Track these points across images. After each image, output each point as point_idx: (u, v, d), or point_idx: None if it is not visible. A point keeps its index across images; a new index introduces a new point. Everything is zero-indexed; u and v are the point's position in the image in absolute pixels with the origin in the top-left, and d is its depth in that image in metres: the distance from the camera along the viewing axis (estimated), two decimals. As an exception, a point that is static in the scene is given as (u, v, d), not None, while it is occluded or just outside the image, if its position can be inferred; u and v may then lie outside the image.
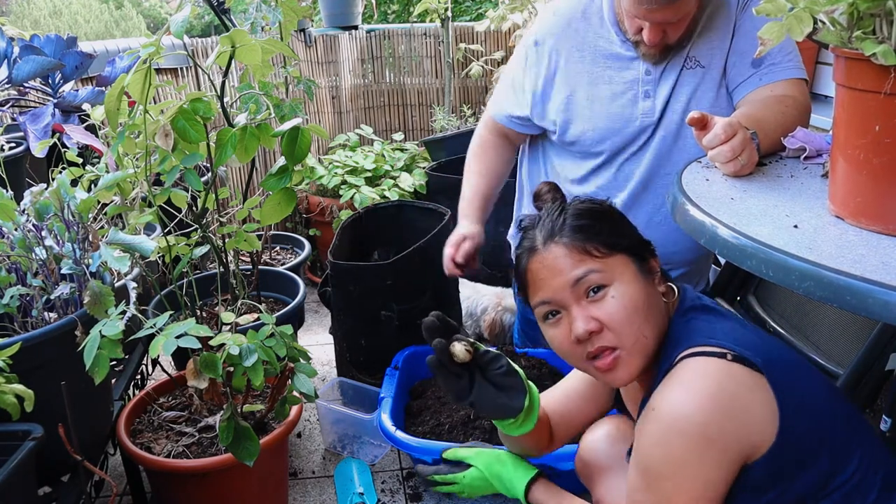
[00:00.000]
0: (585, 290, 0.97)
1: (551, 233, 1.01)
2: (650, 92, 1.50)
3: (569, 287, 0.98)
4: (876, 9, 0.80)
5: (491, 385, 1.07)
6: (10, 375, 1.22)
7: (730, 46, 1.45)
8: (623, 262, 0.99)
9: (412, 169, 3.27)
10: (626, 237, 1.04)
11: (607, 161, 1.59)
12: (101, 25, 17.86)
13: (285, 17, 1.98)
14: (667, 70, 1.49)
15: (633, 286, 0.98)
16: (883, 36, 0.80)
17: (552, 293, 0.99)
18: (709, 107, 1.47)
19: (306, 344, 2.49)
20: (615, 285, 0.97)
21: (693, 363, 0.92)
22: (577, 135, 1.59)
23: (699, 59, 1.47)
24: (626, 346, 0.97)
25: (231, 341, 1.34)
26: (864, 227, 0.91)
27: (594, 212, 1.03)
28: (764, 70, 1.42)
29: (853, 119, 0.88)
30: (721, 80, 1.48)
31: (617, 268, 0.98)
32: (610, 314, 0.96)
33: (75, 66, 2.15)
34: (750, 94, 1.43)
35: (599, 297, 0.97)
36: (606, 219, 1.04)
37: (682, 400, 0.89)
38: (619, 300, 0.96)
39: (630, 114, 1.52)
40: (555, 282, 0.99)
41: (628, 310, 0.96)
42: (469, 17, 5.10)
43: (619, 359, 0.97)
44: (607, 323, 0.96)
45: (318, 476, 1.89)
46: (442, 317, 1.06)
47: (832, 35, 0.85)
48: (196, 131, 1.35)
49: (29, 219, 1.50)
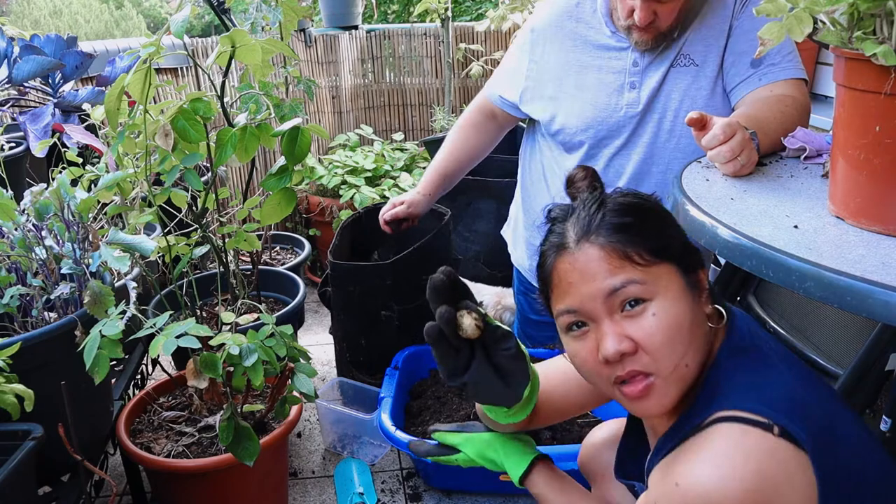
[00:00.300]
0: (621, 303, 0.82)
1: (586, 230, 0.85)
2: (636, 83, 1.51)
3: (602, 297, 0.82)
4: (876, 9, 0.80)
5: (492, 367, 0.93)
6: (10, 375, 1.22)
7: (726, 46, 1.46)
8: (668, 273, 0.83)
9: (412, 169, 3.27)
10: (675, 242, 0.87)
11: (591, 153, 1.59)
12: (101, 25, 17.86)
13: (285, 17, 1.98)
14: (655, 63, 1.49)
15: (678, 303, 0.82)
16: (883, 36, 0.80)
17: (581, 302, 0.84)
18: (703, 105, 1.47)
19: (306, 344, 2.49)
20: (657, 301, 0.82)
21: (731, 432, 0.76)
22: (563, 123, 1.60)
23: (693, 57, 1.48)
24: (662, 373, 0.82)
25: (231, 341, 1.34)
26: (865, 228, 0.91)
27: (639, 208, 0.87)
28: (763, 70, 1.42)
29: (853, 119, 0.88)
30: (716, 79, 1.48)
31: (661, 279, 0.82)
32: (649, 335, 0.81)
33: (75, 65, 2.15)
34: (749, 94, 1.43)
35: (637, 312, 0.81)
36: (653, 217, 0.88)
37: (714, 484, 0.73)
38: (660, 319, 0.81)
39: (615, 103, 1.53)
40: (585, 289, 0.83)
41: (671, 331, 0.81)
42: (469, 17, 5.10)
43: (653, 387, 0.82)
44: (644, 345, 0.81)
45: (318, 476, 1.89)
46: (453, 275, 0.91)
47: (832, 35, 0.85)
48: (196, 131, 1.35)
49: (29, 219, 1.50)
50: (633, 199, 0.88)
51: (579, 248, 0.84)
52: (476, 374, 0.92)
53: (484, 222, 2.58)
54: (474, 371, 0.92)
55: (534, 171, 1.77)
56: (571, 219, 0.87)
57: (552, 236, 0.89)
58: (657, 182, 1.54)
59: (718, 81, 1.48)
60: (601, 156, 1.58)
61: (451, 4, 3.38)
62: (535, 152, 1.76)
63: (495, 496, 1.73)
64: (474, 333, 0.90)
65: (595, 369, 0.86)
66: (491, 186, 2.44)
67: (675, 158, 1.50)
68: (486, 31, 3.49)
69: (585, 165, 0.96)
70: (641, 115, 1.51)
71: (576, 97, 1.57)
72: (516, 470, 1.10)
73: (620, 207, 0.86)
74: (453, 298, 0.91)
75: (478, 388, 0.94)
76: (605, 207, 0.86)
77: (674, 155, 1.51)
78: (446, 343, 0.91)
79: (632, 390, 0.83)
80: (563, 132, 1.60)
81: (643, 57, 1.50)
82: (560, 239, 0.87)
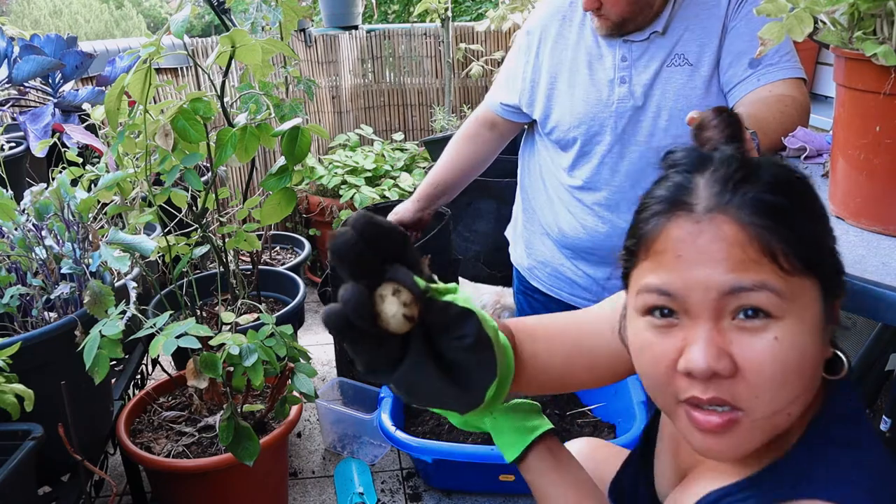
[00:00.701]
0: (737, 308, 0.60)
1: (725, 195, 0.61)
2: (625, 78, 1.52)
3: (718, 292, 0.60)
4: (876, 9, 0.80)
5: (436, 363, 0.59)
6: (10, 375, 1.22)
7: (721, 46, 1.47)
8: (810, 293, 0.62)
9: (412, 169, 3.27)
10: (829, 252, 0.65)
11: (584, 150, 1.60)
12: (101, 25, 17.86)
13: (285, 17, 1.98)
14: (644, 59, 1.51)
15: (809, 336, 0.61)
16: (883, 36, 0.80)
17: (685, 287, 0.62)
18: (698, 105, 1.47)
19: (306, 344, 2.49)
20: (786, 323, 0.60)
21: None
22: (556, 121, 1.62)
23: (687, 57, 1.49)
24: (756, 413, 0.61)
25: (231, 341, 1.34)
26: (864, 228, 0.91)
27: (800, 192, 0.64)
28: (762, 71, 1.42)
29: (853, 119, 0.88)
30: (711, 79, 1.49)
31: (800, 298, 0.61)
32: (759, 362, 0.60)
33: (75, 65, 2.15)
34: (748, 94, 1.43)
35: (755, 328, 0.60)
36: (813, 209, 0.64)
37: None
38: (782, 348, 0.60)
39: (606, 98, 1.54)
40: (700, 272, 0.61)
41: (789, 367, 0.60)
42: (469, 17, 5.10)
43: (737, 426, 0.61)
44: (748, 372, 0.60)
45: (318, 476, 1.88)
46: (371, 225, 0.54)
47: (833, 35, 0.85)
48: (196, 131, 1.35)
49: (29, 218, 1.50)
50: (791, 175, 0.64)
51: (709, 217, 0.61)
52: (411, 373, 0.58)
53: (484, 222, 2.58)
54: (408, 369, 0.58)
55: (532, 171, 1.78)
56: (705, 173, 0.63)
57: (670, 186, 0.65)
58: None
59: (714, 81, 1.49)
60: (594, 153, 1.59)
61: (451, 4, 3.39)
62: (534, 153, 1.77)
63: (495, 496, 1.73)
64: (400, 328, 0.55)
65: (665, 377, 0.64)
66: (491, 186, 2.44)
67: None
68: (486, 31, 3.49)
69: (722, 107, 0.69)
70: (634, 110, 1.52)
71: (568, 94, 1.59)
72: (510, 452, 0.83)
73: (776, 182, 0.62)
74: (371, 268, 0.55)
75: (413, 389, 0.60)
76: (757, 173, 0.62)
77: None
78: (358, 334, 0.55)
79: (707, 421, 0.62)
80: (557, 129, 1.61)
81: (631, 52, 1.51)
82: (683, 195, 0.63)
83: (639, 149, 1.54)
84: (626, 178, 1.57)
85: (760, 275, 0.59)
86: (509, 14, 3.07)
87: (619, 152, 1.56)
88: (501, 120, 1.78)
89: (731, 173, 0.62)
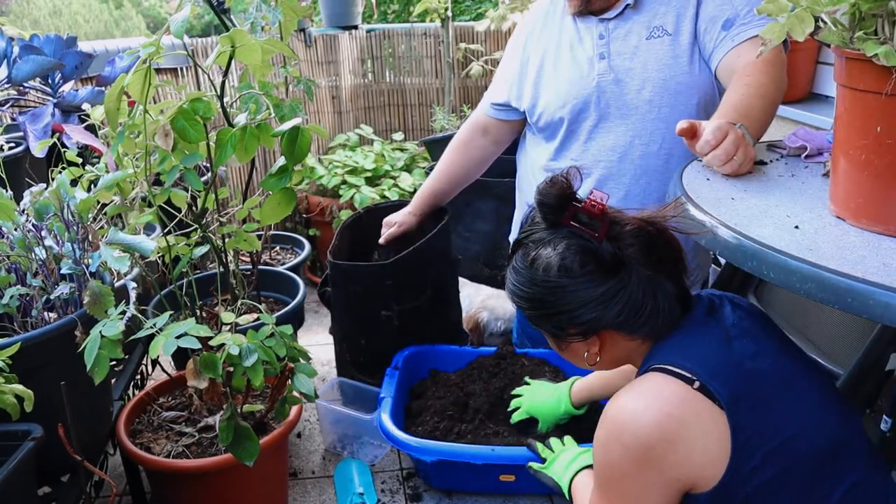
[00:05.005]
0: None
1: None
2: (604, 54, 1.57)
3: None
4: (878, 9, 0.80)
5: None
6: (10, 375, 1.22)
7: (697, 13, 1.49)
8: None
9: (412, 169, 3.27)
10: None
11: (571, 129, 1.63)
12: (101, 25, 17.85)
13: (285, 17, 1.98)
14: (620, 33, 1.55)
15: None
16: (885, 37, 0.80)
17: None
18: (682, 74, 1.51)
19: (306, 344, 2.49)
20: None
21: (657, 379, 0.93)
22: (543, 106, 1.66)
23: (666, 28, 1.52)
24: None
25: (231, 341, 1.34)
26: (866, 228, 0.91)
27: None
28: (735, 31, 1.46)
29: (854, 119, 0.88)
30: (692, 47, 1.52)
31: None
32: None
33: (75, 65, 2.15)
34: (724, 59, 1.45)
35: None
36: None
37: (633, 414, 0.91)
38: None
39: (587, 74, 1.58)
40: None
41: None
42: (469, 17, 5.10)
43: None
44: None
45: (318, 476, 1.88)
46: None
47: (834, 35, 0.85)
48: (196, 131, 1.35)
49: (29, 219, 1.49)
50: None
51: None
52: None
53: (484, 222, 2.58)
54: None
55: (525, 170, 1.81)
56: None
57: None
58: (641, 155, 1.57)
59: (695, 49, 1.52)
60: (581, 130, 1.62)
61: (451, 4, 3.39)
62: (527, 153, 1.80)
63: (495, 496, 1.73)
64: None
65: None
66: (491, 186, 2.44)
67: (657, 129, 1.54)
68: (486, 31, 3.49)
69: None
70: (615, 83, 1.55)
71: (553, 78, 1.64)
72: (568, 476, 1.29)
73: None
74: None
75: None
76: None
77: (656, 126, 1.55)
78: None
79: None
80: (545, 114, 1.65)
81: (608, 29, 1.56)
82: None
83: (624, 123, 1.57)
84: (613, 152, 1.60)
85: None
86: (509, 14, 3.07)
87: (605, 127, 1.60)
88: (493, 122, 1.82)
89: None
